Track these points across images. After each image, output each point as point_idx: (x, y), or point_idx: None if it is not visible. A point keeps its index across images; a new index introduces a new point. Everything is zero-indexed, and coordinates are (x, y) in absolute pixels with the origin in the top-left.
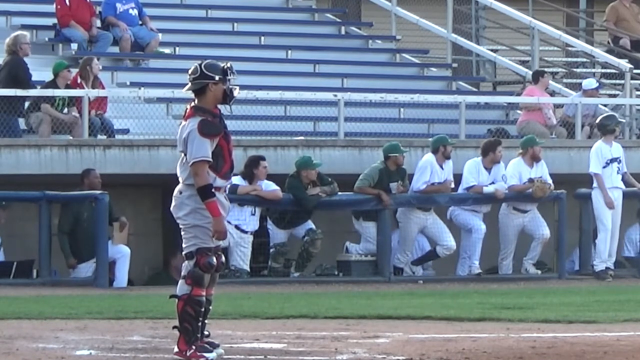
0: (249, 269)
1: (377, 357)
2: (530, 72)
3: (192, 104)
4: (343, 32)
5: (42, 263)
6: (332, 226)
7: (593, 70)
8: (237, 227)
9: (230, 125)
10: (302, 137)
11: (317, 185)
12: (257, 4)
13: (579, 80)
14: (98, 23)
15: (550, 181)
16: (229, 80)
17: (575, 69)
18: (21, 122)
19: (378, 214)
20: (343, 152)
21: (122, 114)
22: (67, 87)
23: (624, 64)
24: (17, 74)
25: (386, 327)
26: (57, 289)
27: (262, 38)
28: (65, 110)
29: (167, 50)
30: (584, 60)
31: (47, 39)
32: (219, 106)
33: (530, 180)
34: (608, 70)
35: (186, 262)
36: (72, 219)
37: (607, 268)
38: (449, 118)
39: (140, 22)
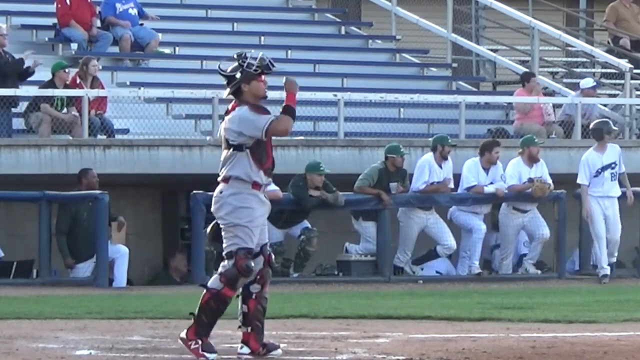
0: None
1: (377, 357)
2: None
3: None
4: (343, 32)
5: (42, 263)
6: (331, 226)
7: (593, 70)
8: None
9: None
10: (302, 137)
11: (322, 190)
12: (257, 4)
13: (579, 80)
14: (98, 23)
15: (550, 181)
16: (251, 66)
17: (575, 69)
18: (21, 122)
19: (378, 214)
20: (343, 152)
21: (122, 114)
22: (66, 86)
23: (624, 64)
24: None
25: (386, 327)
26: (57, 289)
27: (262, 38)
28: (65, 110)
29: (167, 50)
30: (584, 60)
31: (47, 38)
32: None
33: (530, 180)
34: (608, 70)
35: (226, 261)
36: (69, 219)
37: (604, 275)
38: (449, 118)
39: (140, 22)
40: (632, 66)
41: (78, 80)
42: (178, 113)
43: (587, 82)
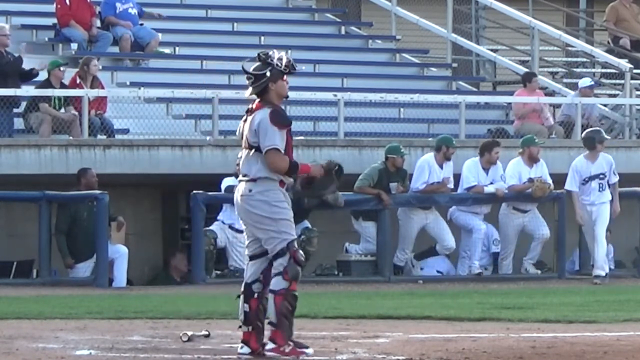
0: None
1: (377, 357)
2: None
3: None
4: (343, 32)
5: (42, 263)
6: (331, 226)
7: (593, 70)
8: (230, 226)
9: (230, 125)
10: (302, 137)
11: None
12: (257, 4)
13: (579, 80)
14: (98, 23)
15: (550, 181)
16: (279, 65)
17: (575, 69)
18: (20, 122)
19: (378, 214)
20: (343, 152)
21: (122, 114)
22: (62, 85)
23: (624, 64)
24: None
25: (386, 327)
26: (57, 289)
27: (262, 38)
28: (63, 110)
29: (167, 50)
30: (584, 60)
31: (47, 38)
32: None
33: (530, 180)
34: (608, 70)
35: (278, 260)
36: (69, 219)
37: (596, 276)
38: (449, 118)
39: (140, 22)
40: (632, 66)
41: (78, 80)
42: (178, 113)
43: (585, 82)
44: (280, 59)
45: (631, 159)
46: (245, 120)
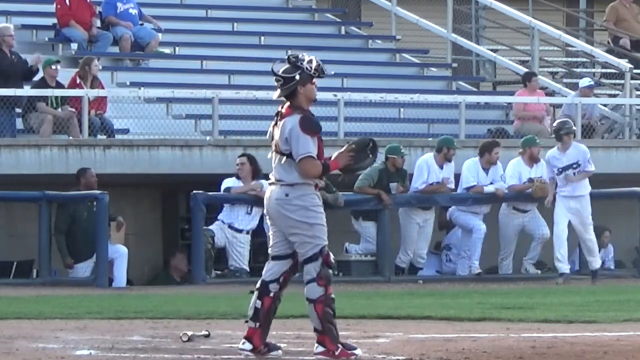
0: (248, 269)
1: (377, 357)
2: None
3: (287, 103)
4: (343, 32)
5: (42, 263)
6: (331, 226)
7: (593, 70)
8: (230, 226)
9: (230, 125)
10: None
11: (322, 190)
12: (257, 4)
13: (579, 80)
14: (98, 23)
15: None
16: (309, 69)
17: (575, 69)
18: (20, 122)
19: (378, 214)
20: None
21: (122, 114)
22: (57, 83)
23: (624, 64)
24: None
25: (386, 327)
26: (57, 289)
27: (262, 38)
28: (60, 109)
29: (167, 50)
30: (584, 60)
31: (47, 38)
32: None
33: (530, 180)
34: (608, 70)
35: (309, 265)
36: (68, 219)
37: (562, 274)
38: (449, 118)
39: (140, 22)
40: (632, 66)
41: (78, 80)
42: (178, 113)
43: (584, 82)
44: (310, 63)
45: (631, 159)
46: (275, 124)
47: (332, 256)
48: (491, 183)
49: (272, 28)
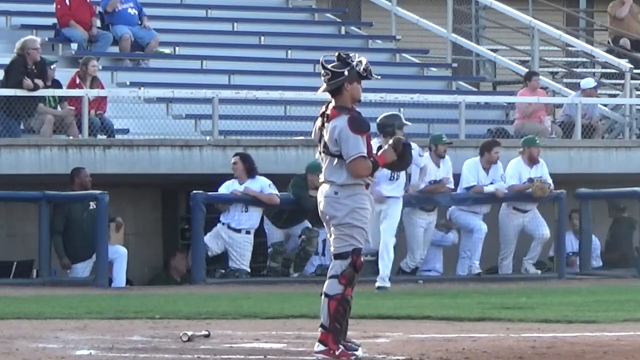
0: (248, 269)
1: (377, 357)
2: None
3: (332, 103)
4: (343, 32)
5: (42, 263)
6: None
7: (593, 70)
8: (229, 226)
9: (231, 125)
10: (302, 137)
11: None
12: (257, 4)
13: (579, 80)
14: (98, 23)
15: (550, 181)
16: (359, 68)
17: (575, 69)
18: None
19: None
20: None
21: (122, 114)
22: (53, 82)
23: (624, 63)
24: (7, 72)
25: (386, 327)
26: (57, 289)
27: (262, 38)
28: (59, 107)
29: (167, 50)
30: (584, 60)
31: (47, 39)
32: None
33: (530, 180)
34: (608, 70)
35: (337, 261)
36: (63, 219)
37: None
38: (449, 118)
39: (139, 22)
40: (632, 66)
41: (78, 80)
42: (178, 113)
43: (588, 83)
44: (360, 62)
45: (631, 159)
46: (322, 126)
47: (362, 259)
48: (491, 183)
49: (272, 28)
